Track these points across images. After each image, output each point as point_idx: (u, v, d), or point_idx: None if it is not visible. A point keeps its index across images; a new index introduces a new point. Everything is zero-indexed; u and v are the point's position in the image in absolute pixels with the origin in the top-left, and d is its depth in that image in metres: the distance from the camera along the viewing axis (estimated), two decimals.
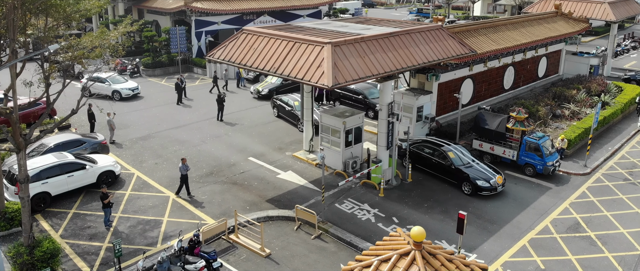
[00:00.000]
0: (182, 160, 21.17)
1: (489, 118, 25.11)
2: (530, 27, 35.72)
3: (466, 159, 22.87)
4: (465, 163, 22.62)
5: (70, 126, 30.12)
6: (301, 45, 19.15)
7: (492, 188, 21.66)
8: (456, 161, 22.60)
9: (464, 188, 22.13)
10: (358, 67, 18.54)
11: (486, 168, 22.50)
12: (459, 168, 22.33)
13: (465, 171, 22.13)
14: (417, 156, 23.86)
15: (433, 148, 23.53)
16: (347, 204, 20.91)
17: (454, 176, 22.52)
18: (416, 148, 24.01)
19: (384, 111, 21.38)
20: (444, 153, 22.91)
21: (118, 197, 21.55)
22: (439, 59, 21.89)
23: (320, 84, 17.53)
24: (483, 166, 22.63)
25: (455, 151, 23.06)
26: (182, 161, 21.14)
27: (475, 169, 22.27)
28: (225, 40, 22.23)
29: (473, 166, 22.49)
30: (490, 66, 32.08)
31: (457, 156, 22.81)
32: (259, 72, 20.02)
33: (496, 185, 21.71)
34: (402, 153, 24.26)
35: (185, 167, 21.12)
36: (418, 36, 21.84)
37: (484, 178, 21.82)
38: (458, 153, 22.97)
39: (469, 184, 21.94)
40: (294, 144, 27.44)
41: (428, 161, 23.52)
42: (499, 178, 21.89)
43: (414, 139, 24.81)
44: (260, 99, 35.82)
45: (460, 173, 22.21)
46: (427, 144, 23.96)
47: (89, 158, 22.86)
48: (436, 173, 23.32)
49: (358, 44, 19.26)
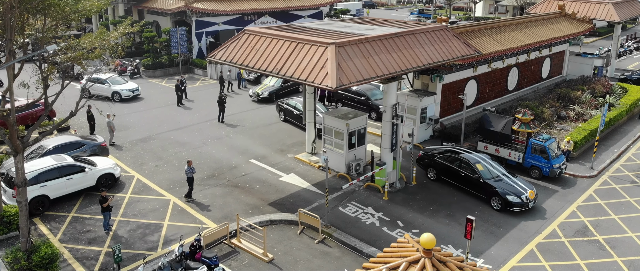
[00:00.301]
0: (188, 163, 20.85)
1: (494, 120, 24.77)
2: (534, 27, 35.39)
3: (495, 172, 21.44)
4: (495, 176, 21.20)
5: (69, 127, 29.76)
6: (304, 45, 18.81)
7: (524, 203, 20.21)
8: (485, 174, 21.18)
9: (493, 204, 20.74)
10: (362, 68, 18.20)
11: (517, 181, 21.05)
12: (487, 181, 20.92)
13: (494, 185, 20.75)
14: (442, 167, 22.55)
15: (460, 159, 22.05)
16: (350, 207, 20.55)
17: (482, 190, 21.12)
18: (441, 158, 22.68)
19: (388, 113, 21.03)
20: (471, 165, 21.54)
21: (118, 200, 21.20)
22: (443, 59, 21.55)
23: (324, 86, 17.18)
24: (514, 179, 21.18)
25: (484, 163, 21.66)
26: (188, 164, 20.82)
27: (505, 183, 20.84)
28: (227, 40, 21.90)
29: (503, 179, 21.04)
30: (494, 67, 31.74)
31: (486, 169, 21.38)
32: (261, 73, 19.68)
33: (528, 201, 20.28)
34: (425, 163, 23.14)
35: (191, 170, 20.80)
36: (423, 37, 21.50)
37: (514, 193, 20.37)
38: (487, 166, 21.56)
39: (498, 199, 20.55)
40: (296, 146, 27.09)
41: (454, 174, 22.12)
42: (530, 193, 20.44)
43: (439, 148, 23.48)
44: (259, 102, 35.35)
45: (489, 187, 20.82)
46: (453, 155, 22.46)
47: (88, 160, 22.51)
48: (463, 186, 21.93)
49: (362, 44, 18.91)
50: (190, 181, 20.95)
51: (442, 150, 23.19)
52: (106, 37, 16.87)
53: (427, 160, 23.30)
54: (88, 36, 17.50)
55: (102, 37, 16.73)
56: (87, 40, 16.65)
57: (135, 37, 50.94)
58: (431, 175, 22.89)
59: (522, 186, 20.76)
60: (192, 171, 20.80)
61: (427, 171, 23.24)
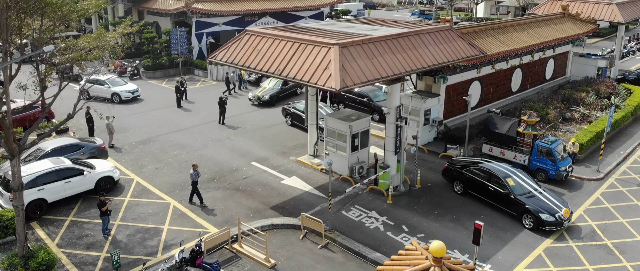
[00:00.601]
0: (193, 166, 20.44)
1: (499, 122, 24.39)
2: (537, 28, 35.03)
3: (527, 187, 19.97)
4: (526, 192, 19.77)
5: (68, 129, 29.38)
6: (307, 46, 18.44)
7: (558, 222, 18.79)
8: (516, 189, 19.74)
9: (525, 222, 19.33)
10: (366, 69, 17.83)
11: (551, 197, 19.64)
12: (518, 198, 19.52)
13: (526, 201, 19.34)
14: (469, 181, 21.20)
15: (489, 172, 20.58)
16: (354, 211, 20.16)
17: (512, 207, 19.68)
18: (468, 171, 21.25)
19: (392, 115, 20.65)
20: (501, 179, 20.13)
21: (117, 204, 20.82)
22: (448, 60, 21.18)
23: (327, 87, 16.81)
24: (547, 195, 19.76)
25: (515, 177, 20.19)
26: (193, 168, 20.41)
27: (537, 199, 19.40)
28: (228, 41, 21.53)
29: (535, 195, 19.63)
30: (498, 68, 31.38)
31: (518, 184, 19.95)
32: (263, 74, 19.31)
33: (562, 219, 18.84)
34: (452, 176, 21.79)
35: (197, 173, 20.38)
36: (427, 37, 21.13)
37: (548, 211, 18.92)
38: (518, 180, 20.11)
39: (530, 217, 19.13)
40: (297, 148, 26.71)
41: (483, 188, 20.69)
42: (565, 211, 19.01)
43: (466, 160, 22.14)
44: (260, 106, 34.67)
45: (520, 204, 19.40)
46: (482, 168, 20.94)
47: (86, 163, 22.13)
48: (492, 202, 20.47)
49: (366, 45, 18.54)
50: (194, 185, 20.53)
51: (470, 161, 21.80)
52: (105, 37, 16.48)
53: (454, 172, 21.84)
54: (86, 37, 17.12)
55: (101, 37, 16.35)
56: (86, 41, 16.25)
57: (135, 38, 50.59)
58: (458, 189, 21.59)
59: (557, 203, 19.32)
60: (197, 174, 20.38)
61: (453, 184, 21.86)
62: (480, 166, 21.10)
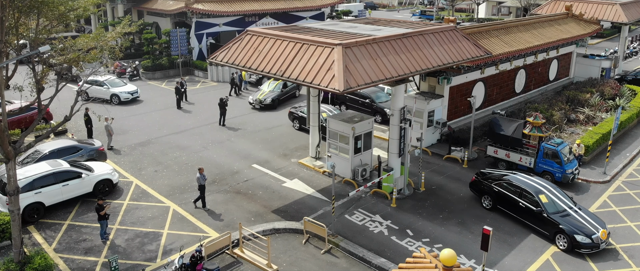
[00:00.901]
0: (199, 170, 19.94)
1: (504, 123, 24.00)
2: (541, 28, 34.67)
3: (562, 205, 18.62)
4: (561, 210, 18.39)
5: (67, 131, 28.99)
6: (309, 46, 18.06)
7: (594, 245, 17.46)
8: (549, 207, 18.39)
9: (559, 243, 17.99)
10: (370, 70, 17.44)
11: (587, 217, 18.27)
12: (552, 216, 18.15)
13: (560, 221, 17.96)
14: (498, 195, 19.84)
15: (520, 187, 19.23)
16: (357, 215, 19.76)
17: (545, 226, 18.32)
18: (498, 184, 19.97)
19: (396, 116, 20.26)
20: (533, 196, 18.78)
21: (115, 207, 20.42)
22: (454, 61, 20.79)
23: (330, 88, 16.42)
24: (583, 214, 18.36)
25: (548, 193, 18.78)
26: (199, 171, 19.92)
27: (573, 219, 18.00)
28: (229, 41, 21.15)
29: (570, 214, 18.23)
30: (501, 68, 31.00)
31: (551, 201, 18.56)
32: (264, 75, 18.92)
33: (599, 242, 17.52)
34: (480, 189, 20.57)
35: (203, 177, 19.92)
36: (432, 37, 20.74)
37: (584, 232, 17.55)
38: (552, 197, 18.72)
39: (564, 238, 17.81)
40: (299, 150, 26.32)
41: (513, 204, 19.36)
42: (603, 232, 17.66)
43: (496, 172, 20.82)
44: (261, 109, 33.83)
45: (554, 223, 18.01)
46: (512, 182, 19.61)
47: (85, 165, 21.74)
48: (523, 220, 19.11)
49: (370, 45, 18.16)
50: (201, 190, 20.08)
51: (500, 174, 20.47)
52: (103, 37, 16.08)
53: (482, 186, 20.54)
54: (84, 37, 16.73)
55: (99, 37, 15.95)
56: (84, 41, 15.86)
57: (135, 38, 50.24)
58: (486, 204, 20.28)
59: (593, 224, 17.95)
60: (204, 178, 19.91)
61: (481, 198, 20.63)
62: (511, 180, 19.73)
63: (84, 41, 15.83)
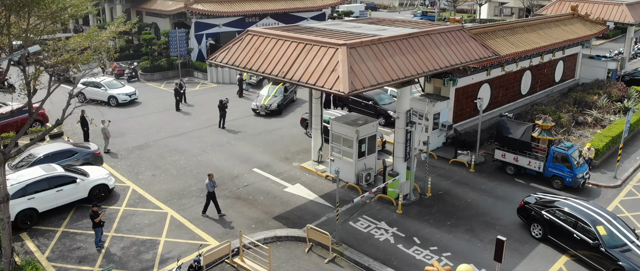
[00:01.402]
0: (209, 176, 19.05)
1: (512, 126, 23.30)
2: (547, 29, 33.99)
3: (623, 238, 16.45)
4: (621, 244, 16.24)
5: (63, 134, 28.28)
6: (312, 47, 17.36)
7: None
8: (608, 240, 16.27)
9: None
10: (376, 71, 16.74)
11: None
12: (610, 251, 16.02)
13: (620, 257, 15.79)
14: (549, 224, 17.83)
15: (574, 216, 17.17)
16: (362, 222, 19.04)
17: (602, 261, 16.20)
18: (549, 212, 17.92)
19: (402, 119, 19.56)
20: (589, 226, 16.69)
21: (111, 213, 19.72)
22: (461, 62, 20.10)
23: (335, 91, 15.72)
24: None
25: (607, 224, 16.71)
26: (208, 177, 19.04)
27: (634, 255, 15.89)
28: (229, 42, 20.47)
29: (632, 250, 16.10)
30: (507, 70, 30.31)
31: (611, 234, 16.45)
32: (265, 77, 18.23)
33: None
34: (529, 216, 18.50)
35: (213, 183, 19.03)
36: (438, 38, 20.05)
37: None
38: (612, 229, 16.62)
39: None
40: (301, 153, 25.61)
41: (566, 235, 17.32)
42: None
43: (546, 197, 18.86)
44: (267, 116, 31.79)
45: (613, 259, 15.87)
46: (565, 210, 17.56)
47: (80, 170, 21.04)
48: (578, 253, 17.01)
49: (375, 45, 17.46)
50: (210, 196, 19.19)
51: (551, 200, 18.49)
52: (97, 37, 15.37)
53: (531, 212, 18.50)
54: (79, 36, 16.02)
55: (93, 37, 15.24)
56: (77, 41, 15.15)
57: (134, 38, 49.58)
58: (536, 233, 18.23)
59: None
60: (213, 184, 19.05)
61: (530, 226, 18.54)
62: (564, 208, 17.71)
63: (77, 41, 15.11)
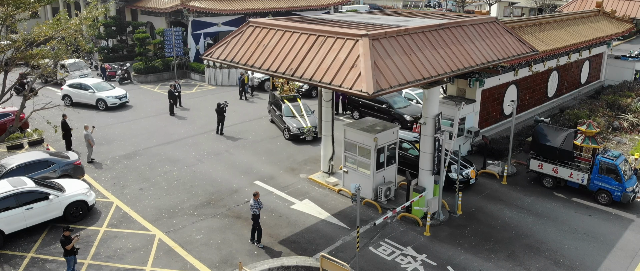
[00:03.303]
0: (254, 195, 15.93)
1: (550, 133, 20.43)
2: (575, 26, 31.23)
3: None
4: None
5: (43, 141, 25.42)
6: (327, 39, 14.51)
7: None
8: None
9: None
10: (404, 68, 13.88)
11: None
12: None
13: None
14: None
15: None
16: (385, 247, 16.11)
17: None
18: None
19: (430, 125, 16.69)
20: None
21: (89, 235, 16.84)
22: (498, 59, 17.24)
23: (356, 91, 12.86)
24: None
25: None
26: (253, 197, 15.93)
27: None
28: (227, 35, 17.63)
29: None
30: (535, 70, 27.45)
31: None
32: (271, 75, 15.38)
33: None
34: None
35: (258, 204, 15.87)
36: (471, 30, 17.21)
37: None
38: None
39: None
40: (308, 164, 22.73)
41: None
42: None
43: None
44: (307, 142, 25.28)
45: None
46: None
47: (54, 184, 18.18)
48: None
49: (401, 37, 14.61)
50: (255, 220, 16.07)
51: None
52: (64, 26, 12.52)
53: None
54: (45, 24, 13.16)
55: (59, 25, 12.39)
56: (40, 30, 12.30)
57: (128, 38, 46.85)
58: None
59: None
60: (258, 205, 15.88)
61: None
62: None
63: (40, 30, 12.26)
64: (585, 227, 17.69)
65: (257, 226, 16.12)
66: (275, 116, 27.66)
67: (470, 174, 18.75)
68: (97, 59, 44.66)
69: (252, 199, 15.96)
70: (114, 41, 46.44)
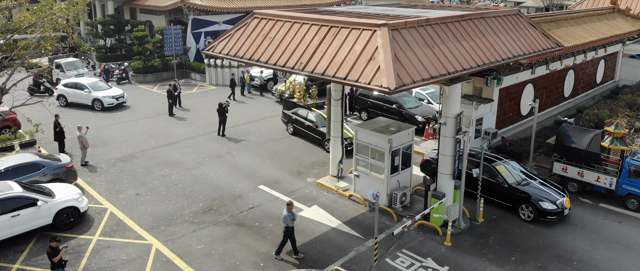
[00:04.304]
0: (288, 206, 14.39)
1: (575, 134, 19.10)
2: (591, 23, 29.95)
3: None
4: None
5: (35, 142, 24.10)
6: (340, 30, 13.21)
7: None
8: None
9: None
10: (427, 61, 12.57)
11: None
12: None
13: None
14: None
15: None
16: (403, 259, 14.76)
17: None
18: None
19: (450, 126, 15.36)
20: None
21: (81, 245, 15.51)
22: (524, 53, 15.93)
23: (375, 86, 11.54)
24: None
25: None
26: (286, 208, 14.37)
27: None
28: (231, 28, 16.32)
29: None
30: (552, 68, 26.14)
31: None
32: (279, 70, 14.06)
33: None
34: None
35: (292, 216, 14.35)
36: (494, 22, 15.90)
37: None
38: None
39: None
40: (316, 167, 21.41)
41: None
42: None
43: None
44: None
45: None
46: None
47: (43, 189, 16.87)
48: None
49: (423, 28, 13.31)
50: (289, 233, 14.48)
51: None
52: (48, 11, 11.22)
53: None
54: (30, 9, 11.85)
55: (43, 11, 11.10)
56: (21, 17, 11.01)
57: (126, 38, 45.60)
58: None
59: None
60: (292, 217, 14.38)
61: None
62: None
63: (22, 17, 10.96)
64: (616, 235, 16.36)
65: (291, 238, 14.49)
66: (302, 127, 24.86)
67: (565, 203, 16.87)
68: (94, 59, 43.38)
69: (285, 209, 14.35)
70: (112, 40, 45.17)
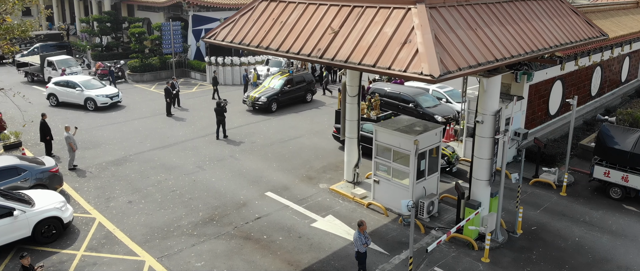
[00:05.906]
0: (359, 226, 11.85)
1: (617, 134, 17.11)
2: (618, 17, 28.07)
3: None
4: None
5: (20, 145, 22.10)
6: (365, 10, 11.21)
7: None
8: None
9: None
10: (472, 45, 10.57)
11: None
12: None
13: None
14: None
15: None
16: None
17: None
18: None
19: (488, 124, 13.36)
20: None
21: (63, 261, 13.48)
22: (570, 41, 13.94)
23: (413, 74, 9.52)
24: None
25: None
26: (358, 228, 11.90)
27: None
28: (235, 13, 14.32)
29: None
30: (580, 64, 24.16)
31: None
32: (292, 58, 12.06)
33: None
34: None
35: (364, 239, 11.88)
36: (537, 6, 13.92)
37: None
38: None
39: None
40: (328, 171, 19.40)
41: None
42: None
43: None
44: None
45: None
46: None
47: (22, 196, 14.85)
48: None
49: (463, 8, 11.32)
50: (361, 260, 12.23)
51: None
52: None
53: None
54: None
55: None
56: None
57: (123, 36, 43.65)
58: None
59: None
60: (366, 240, 11.91)
61: None
62: None
63: None
64: None
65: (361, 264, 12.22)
66: None
67: None
68: (89, 57, 41.42)
69: (356, 231, 11.99)
70: (108, 38, 43.22)
